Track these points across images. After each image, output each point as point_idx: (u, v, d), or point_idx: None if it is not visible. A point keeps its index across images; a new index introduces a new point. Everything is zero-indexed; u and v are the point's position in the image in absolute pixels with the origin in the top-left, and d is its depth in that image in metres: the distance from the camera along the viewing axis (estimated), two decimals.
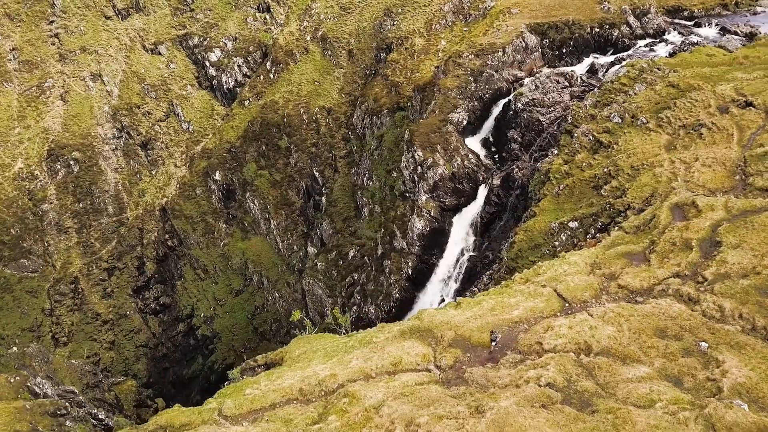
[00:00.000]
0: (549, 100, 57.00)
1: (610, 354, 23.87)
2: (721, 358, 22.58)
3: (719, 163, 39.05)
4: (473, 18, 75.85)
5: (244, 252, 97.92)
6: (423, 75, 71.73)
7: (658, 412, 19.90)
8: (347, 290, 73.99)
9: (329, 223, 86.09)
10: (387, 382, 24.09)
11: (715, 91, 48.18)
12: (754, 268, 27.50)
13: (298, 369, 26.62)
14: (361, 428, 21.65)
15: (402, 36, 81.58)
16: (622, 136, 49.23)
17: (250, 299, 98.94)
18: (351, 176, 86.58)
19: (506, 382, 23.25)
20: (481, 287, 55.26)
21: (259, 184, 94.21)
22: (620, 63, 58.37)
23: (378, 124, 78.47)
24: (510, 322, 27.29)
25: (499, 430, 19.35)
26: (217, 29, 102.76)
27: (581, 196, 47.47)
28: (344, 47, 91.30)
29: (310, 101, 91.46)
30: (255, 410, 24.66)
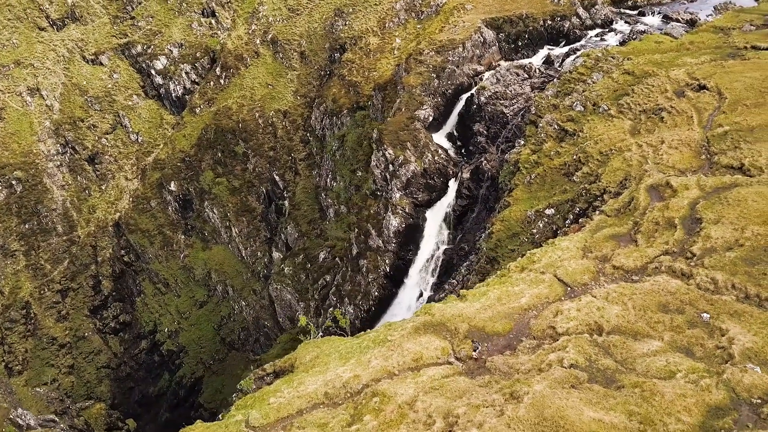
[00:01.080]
0: (511, 92, 58.63)
1: (621, 332, 25.11)
2: (724, 326, 24.15)
3: (685, 145, 41.34)
4: (426, 15, 76.94)
5: (206, 262, 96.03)
6: (382, 74, 72.28)
7: (680, 381, 21.16)
8: (320, 293, 73.83)
9: (294, 227, 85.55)
10: (413, 378, 24.52)
11: (669, 76, 50.87)
12: (737, 241, 29.43)
13: (317, 373, 26.68)
14: (398, 425, 22.03)
15: (355, 35, 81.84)
16: (586, 124, 51.28)
17: (215, 310, 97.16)
18: (313, 178, 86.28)
19: (528, 368, 24.11)
20: (460, 279, 56.48)
21: (218, 192, 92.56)
22: (575, 53, 60.62)
23: (338, 124, 78.50)
24: (519, 309, 28.24)
25: (539, 413, 20.14)
26: (161, 36, 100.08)
27: (553, 183, 49.16)
28: (296, 49, 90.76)
29: (265, 105, 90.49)
30: (282, 418, 24.61)
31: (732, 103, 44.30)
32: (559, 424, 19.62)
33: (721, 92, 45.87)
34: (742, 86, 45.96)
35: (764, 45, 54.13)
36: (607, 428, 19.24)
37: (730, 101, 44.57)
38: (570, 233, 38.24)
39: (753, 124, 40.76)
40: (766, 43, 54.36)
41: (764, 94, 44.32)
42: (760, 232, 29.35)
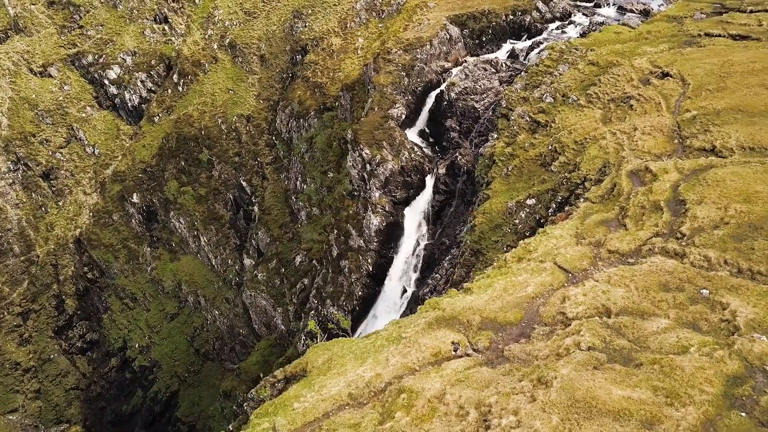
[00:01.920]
0: (480, 87, 59.77)
1: (628, 313, 26.23)
2: (724, 300, 25.55)
3: (657, 130, 43.18)
4: (387, 14, 77.43)
5: (175, 273, 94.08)
6: (348, 74, 72.40)
7: (695, 355, 22.34)
8: (299, 297, 73.48)
9: (265, 232, 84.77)
10: (436, 372, 25.00)
11: (633, 65, 52.90)
12: (722, 219, 31.06)
13: (337, 375, 26.86)
14: (431, 419, 22.48)
15: (316, 37, 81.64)
16: (557, 115, 52.81)
17: (187, 321, 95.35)
18: (281, 182, 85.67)
19: (546, 354, 24.95)
20: (443, 273, 57.31)
21: (184, 201, 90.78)
22: (538, 47, 62.19)
23: (305, 126, 78.19)
24: (527, 298, 29.09)
25: (570, 395, 20.94)
26: (112, 45, 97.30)
27: (531, 174, 50.45)
28: (255, 53, 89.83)
29: (227, 110, 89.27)
30: (309, 422, 24.72)
31: (696, 89, 46.49)
32: (591, 405, 20.44)
33: (684, 79, 48.07)
34: (703, 72, 48.28)
35: (716, 32, 56.91)
36: (637, 404, 20.16)
37: (694, 87, 46.76)
38: (557, 221, 39.43)
39: (718, 107, 42.90)
40: (717, 30, 57.16)
41: (724, 78, 46.68)
42: (742, 209, 31.06)
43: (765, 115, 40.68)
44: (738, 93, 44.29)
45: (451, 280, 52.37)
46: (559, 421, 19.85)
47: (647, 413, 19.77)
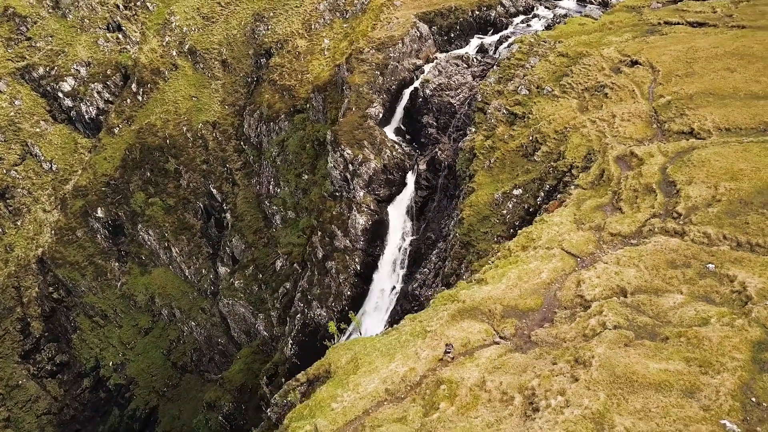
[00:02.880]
0: (455, 82, 60.86)
1: (643, 291, 27.56)
2: (731, 273, 27.19)
3: (636, 117, 45.11)
4: (351, 14, 77.70)
5: (147, 287, 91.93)
6: (318, 75, 72.34)
7: (716, 326, 23.76)
8: (281, 301, 73.06)
9: (240, 239, 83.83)
10: (470, 361, 25.69)
11: (602, 54, 54.93)
12: (713, 197, 32.91)
13: (368, 373, 27.22)
14: (476, 407, 23.16)
15: (280, 39, 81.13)
16: (533, 106, 54.33)
17: (162, 335, 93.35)
18: (253, 187, 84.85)
19: (573, 335, 26.01)
20: (431, 267, 58.12)
21: (152, 212, 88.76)
22: (506, 41, 63.72)
23: (276, 129, 77.68)
24: (543, 284, 30.14)
25: (611, 372, 21.98)
26: (64, 56, 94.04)
27: (514, 165, 51.77)
28: (216, 58, 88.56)
29: (192, 118, 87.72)
30: (350, 421, 25.02)
31: (665, 75, 48.74)
32: (632, 379, 21.52)
33: (654, 66, 50.30)
34: (670, 59, 50.64)
35: (674, 20, 59.69)
36: (674, 375, 21.35)
37: (664, 73, 49.00)
38: (551, 209, 40.77)
39: (690, 92, 45.16)
40: (675, 18, 59.96)
41: (691, 64, 49.12)
42: (731, 187, 32.99)
43: (735, 97, 43.10)
44: (706, 77, 46.71)
45: (442, 273, 53.28)
46: (606, 396, 20.82)
47: (686, 382, 20.98)
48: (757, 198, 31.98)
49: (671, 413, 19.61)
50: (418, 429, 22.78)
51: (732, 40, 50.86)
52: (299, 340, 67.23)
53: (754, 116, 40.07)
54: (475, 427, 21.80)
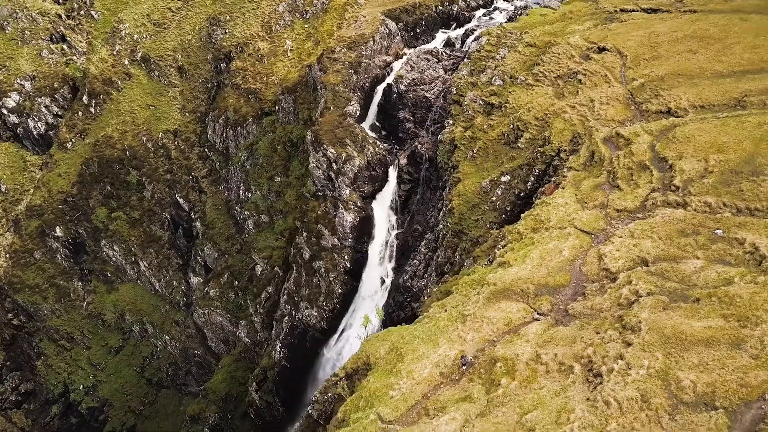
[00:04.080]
0: (428, 77, 62.18)
1: (663, 259, 29.60)
2: (739, 236, 29.59)
3: (614, 100, 47.66)
4: (312, 14, 77.75)
5: (115, 304, 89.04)
6: (285, 77, 72.07)
7: (741, 284, 25.93)
8: (264, 306, 72.54)
9: (212, 247, 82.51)
10: (517, 338, 26.99)
11: (570, 43, 57.44)
12: (706, 170, 35.50)
13: (416, 360, 28.06)
14: (536, 379, 24.48)
15: (240, 42, 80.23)
16: (509, 96, 56.24)
17: (134, 352, 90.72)
18: (221, 194, 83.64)
19: (609, 305, 27.72)
20: (421, 258, 59.33)
21: (116, 227, 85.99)
22: (472, 34, 65.53)
23: (244, 134, 76.88)
24: (566, 262, 31.82)
25: (660, 334, 23.73)
26: (6, 70, 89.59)
27: (497, 154, 53.52)
28: (172, 65, 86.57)
29: (151, 127, 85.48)
30: (412, 406, 25.85)
31: (633, 60, 51.64)
32: (681, 338, 23.34)
33: (621, 51, 53.15)
34: (635, 44, 53.64)
35: (630, 7, 63.07)
36: (718, 331, 23.30)
37: (632, 58, 51.90)
38: (548, 192, 42.66)
39: (660, 74, 48.11)
40: (630, 6, 63.34)
41: (656, 48, 52.25)
42: (720, 159, 35.68)
43: (702, 77, 46.29)
44: (672, 60, 49.87)
45: (435, 263, 54.58)
46: (663, 356, 22.54)
47: (730, 336, 22.95)
48: (745, 167, 34.77)
49: (727, 364, 21.49)
50: (486, 405, 23.89)
51: (688, 24, 54.37)
52: (288, 342, 67.10)
53: (724, 93, 43.22)
54: (543, 397, 23.11)
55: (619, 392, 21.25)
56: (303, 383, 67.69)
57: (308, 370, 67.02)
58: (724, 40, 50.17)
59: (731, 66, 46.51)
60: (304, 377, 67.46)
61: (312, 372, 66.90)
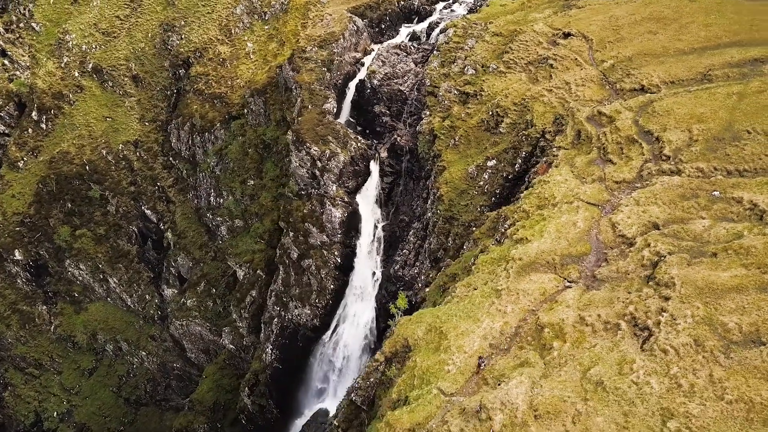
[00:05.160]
0: (400, 71, 63.58)
1: (672, 222, 32.19)
2: (736, 195, 32.56)
3: (589, 81, 50.51)
4: (270, 15, 77.59)
5: (85, 325, 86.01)
6: (252, 79, 71.68)
7: (751, 237, 28.66)
8: (249, 310, 72.08)
9: (186, 257, 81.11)
10: (557, 305, 28.84)
11: (535, 30, 60.09)
12: (691, 138, 38.57)
13: (461, 336, 29.45)
14: (586, 339, 26.38)
15: (198, 48, 79.05)
16: (483, 84, 58.35)
17: (109, 372, 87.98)
18: (190, 202, 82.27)
19: (633, 267, 30.01)
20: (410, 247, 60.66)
21: (81, 245, 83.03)
22: (436, 26, 67.38)
23: (212, 139, 75.91)
24: (583, 232, 34.01)
25: (694, 286, 26.06)
26: None
27: (479, 140, 55.55)
28: (125, 74, 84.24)
29: (110, 139, 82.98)
30: (469, 378, 27.28)
31: (599, 43, 54.72)
32: (713, 288, 25.80)
33: (586, 36, 56.17)
34: (598, 28, 56.80)
35: None
36: (744, 278, 25.84)
37: (597, 41, 54.97)
38: (540, 171, 44.89)
39: (627, 54, 51.31)
40: None
41: (618, 31, 55.56)
42: (702, 128, 38.83)
43: (667, 55, 49.76)
44: (635, 41, 53.23)
45: (427, 250, 56.05)
46: (703, 305, 24.92)
47: (756, 282, 25.58)
48: (726, 134, 38.05)
49: (761, 306, 24.04)
50: (545, 368, 25.60)
51: (643, 7, 58.00)
52: (279, 344, 67.10)
53: (690, 68, 46.74)
54: (599, 354, 25.03)
55: (673, 340, 23.41)
56: (297, 382, 67.99)
57: (302, 369, 67.34)
58: (679, 20, 53.97)
59: (691, 44, 50.24)
60: (298, 377, 67.74)
61: (305, 371, 67.28)
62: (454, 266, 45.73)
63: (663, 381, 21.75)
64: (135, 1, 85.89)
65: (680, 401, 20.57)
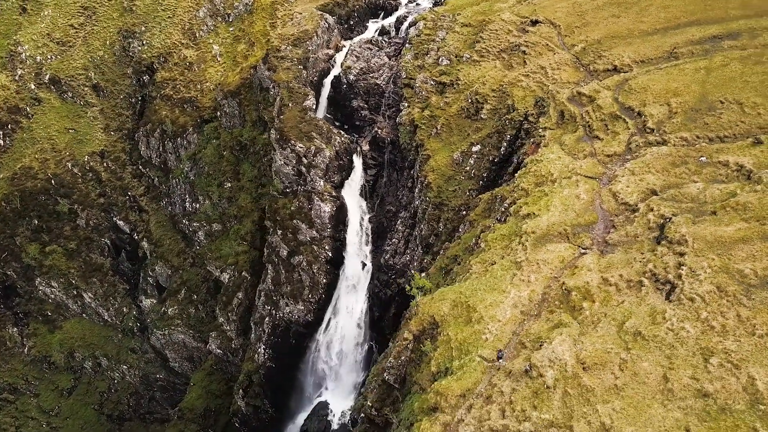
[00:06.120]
0: (375, 65, 64.87)
1: (668, 187, 34.85)
2: (722, 159, 35.53)
3: (563, 65, 53.22)
4: (234, 17, 77.38)
5: (61, 343, 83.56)
6: (224, 81, 71.29)
7: (744, 193, 31.47)
8: (237, 312, 71.83)
9: (164, 265, 79.94)
10: (578, 270, 30.89)
11: (503, 19, 62.54)
12: (670, 111, 41.57)
13: (492, 306, 31.13)
14: (612, 297, 28.53)
15: (162, 53, 77.97)
16: (459, 73, 60.36)
17: (89, 390, 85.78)
18: (164, 209, 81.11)
19: (641, 231, 32.44)
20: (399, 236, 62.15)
21: (52, 261, 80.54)
22: (405, 21, 68.97)
23: (184, 144, 75.11)
24: (587, 203, 36.33)
25: (705, 242, 28.61)
26: None
27: (461, 127, 57.52)
28: (85, 84, 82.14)
29: (75, 152, 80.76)
30: (507, 343, 28.99)
31: (567, 28, 57.63)
32: (722, 242, 28.37)
33: (553, 22, 58.99)
34: (563, 14, 59.73)
35: None
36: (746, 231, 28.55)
37: (565, 27, 57.86)
38: (529, 152, 47.18)
39: (596, 38, 54.33)
40: None
41: (583, 16, 58.60)
42: (679, 101, 41.90)
43: (633, 36, 52.98)
44: (601, 25, 56.35)
45: (419, 237, 57.67)
46: (717, 257, 27.46)
47: (758, 233, 28.26)
48: (702, 105, 41.22)
49: None
50: (580, 327, 27.60)
51: None
52: (272, 343, 67.34)
53: (657, 47, 50.04)
54: (629, 309, 27.22)
55: (698, 289, 25.82)
56: (292, 379, 68.50)
57: (296, 365, 67.90)
58: (639, 4, 57.43)
59: (653, 25, 53.66)
60: (293, 373, 68.26)
61: (301, 366, 67.88)
62: (453, 248, 47.47)
63: (696, 325, 24.04)
64: (89, 9, 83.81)
65: (716, 340, 22.85)
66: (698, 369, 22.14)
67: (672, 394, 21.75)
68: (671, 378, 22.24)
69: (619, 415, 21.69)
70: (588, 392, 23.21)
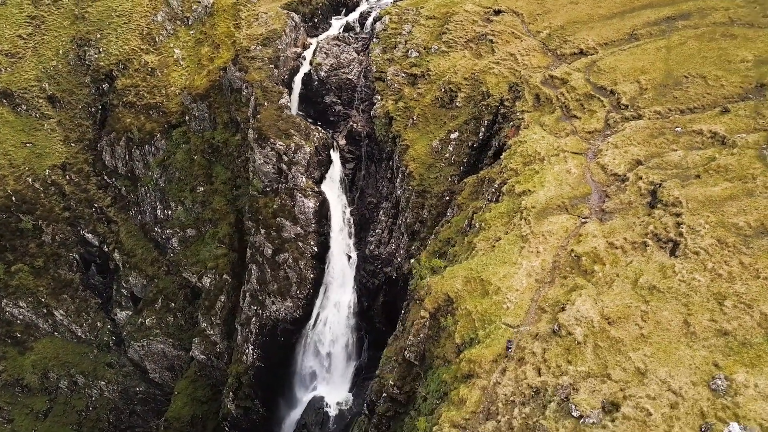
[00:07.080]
0: (344, 60, 65.93)
1: (652, 157, 37.75)
2: (695, 128, 38.72)
3: (532, 51, 55.87)
4: (194, 19, 76.70)
5: (34, 365, 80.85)
6: (191, 84, 70.61)
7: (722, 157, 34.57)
8: (221, 315, 71.50)
9: (138, 275, 78.56)
10: (583, 237, 33.24)
11: (467, 10, 64.79)
12: (641, 88, 44.66)
13: (506, 279, 33.15)
14: (620, 258, 30.97)
15: (120, 60, 76.41)
16: (429, 64, 62.22)
17: (66, 410, 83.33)
18: (133, 219, 79.66)
19: (634, 198, 35.10)
20: (382, 226, 63.64)
21: (19, 281, 77.79)
22: (369, 16, 70.29)
23: (152, 151, 73.96)
24: (579, 177, 38.80)
25: (697, 201, 31.42)
26: None
27: (437, 116, 59.41)
28: (39, 96, 79.58)
29: (34, 166, 78.17)
30: (527, 310, 31.01)
31: (530, 16, 60.38)
32: (712, 200, 31.23)
33: (515, 11, 61.64)
34: (524, 3, 62.46)
35: None
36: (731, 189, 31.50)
37: (527, 15, 60.60)
38: (510, 135, 49.51)
39: (559, 24, 57.26)
40: None
41: (542, 4, 61.47)
42: (647, 78, 45.09)
43: (594, 21, 56.21)
44: (561, 12, 59.38)
45: (404, 225, 59.29)
46: (711, 214, 30.26)
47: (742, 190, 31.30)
48: (669, 81, 44.51)
49: (757, 205, 29.71)
50: (596, 288, 29.88)
51: None
52: (260, 342, 67.57)
53: (618, 30, 53.34)
54: (639, 267, 29.66)
55: (700, 243, 28.51)
56: (283, 377, 68.99)
57: (287, 363, 68.45)
58: None
59: (610, 9, 57.05)
60: (283, 371, 68.77)
61: (291, 363, 68.46)
62: (445, 231, 49.33)
63: (705, 275, 26.66)
64: (37, 18, 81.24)
65: (726, 285, 25.49)
66: (715, 312, 24.66)
67: (695, 336, 24.17)
68: (692, 322, 24.68)
69: (651, 359, 23.93)
70: (618, 343, 25.40)
